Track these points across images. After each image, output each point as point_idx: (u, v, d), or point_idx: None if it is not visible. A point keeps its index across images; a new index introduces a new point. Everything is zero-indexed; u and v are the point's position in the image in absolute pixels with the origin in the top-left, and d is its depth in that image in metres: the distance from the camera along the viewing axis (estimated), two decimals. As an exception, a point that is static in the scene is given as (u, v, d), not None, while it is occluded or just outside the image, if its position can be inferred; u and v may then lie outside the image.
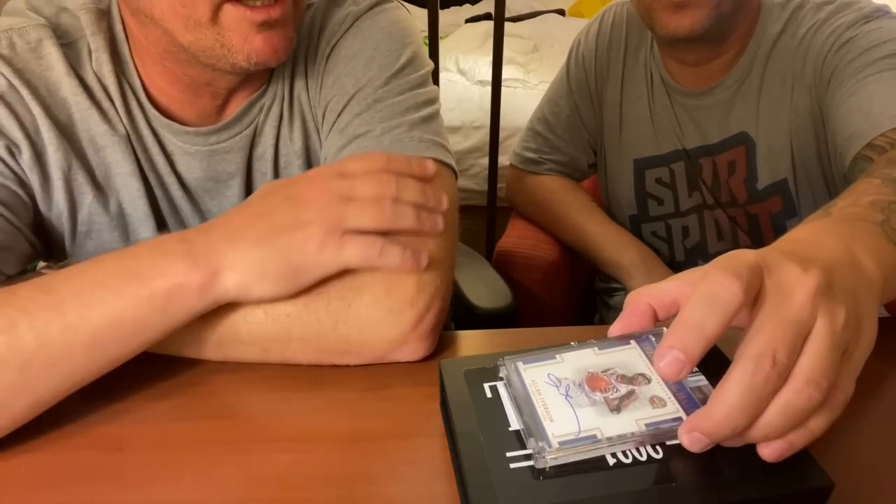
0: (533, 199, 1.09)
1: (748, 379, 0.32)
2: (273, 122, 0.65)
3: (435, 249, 0.52)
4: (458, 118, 2.16)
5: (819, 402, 0.33)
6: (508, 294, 0.95)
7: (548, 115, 1.07)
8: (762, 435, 0.33)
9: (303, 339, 0.50)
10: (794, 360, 0.33)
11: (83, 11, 0.58)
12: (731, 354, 0.33)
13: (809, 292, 0.34)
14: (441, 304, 0.53)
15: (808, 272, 0.34)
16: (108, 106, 0.59)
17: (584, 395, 0.38)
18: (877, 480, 0.41)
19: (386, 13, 0.64)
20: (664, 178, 0.96)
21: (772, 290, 0.34)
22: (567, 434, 0.36)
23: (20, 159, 0.57)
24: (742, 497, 0.34)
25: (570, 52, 1.05)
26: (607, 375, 0.39)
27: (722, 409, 0.32)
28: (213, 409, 0.48)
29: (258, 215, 0.48)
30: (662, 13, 0.77)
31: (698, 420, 0.33)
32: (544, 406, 0.37)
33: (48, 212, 0.60)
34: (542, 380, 0.39)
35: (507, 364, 0.41)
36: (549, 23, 2.82)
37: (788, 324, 0.33)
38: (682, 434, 0.34)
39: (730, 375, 0.33)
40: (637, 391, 0.38)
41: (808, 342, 0.33)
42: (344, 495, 0.40)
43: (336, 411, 0.47)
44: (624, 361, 0.40)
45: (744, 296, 0.32)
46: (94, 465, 0.43)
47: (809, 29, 0.80)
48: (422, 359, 0.53)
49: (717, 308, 0.32)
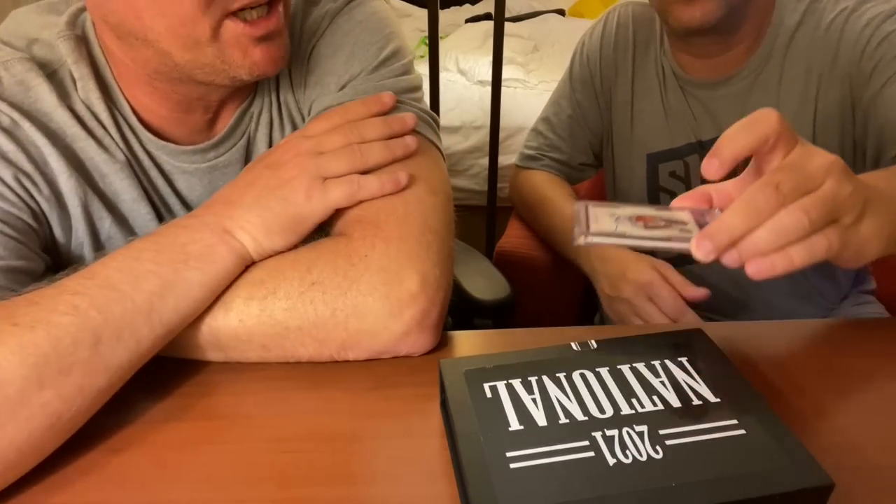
0: (521, 192, 1.09)
1: (751, 195, 0.40)
2: (264, 129, 0.65)
3: (432, 245, 0.53)
4: (458, 118, 2.16)
5: (805, 229, 0.40)
6: (506, 286, 0.95)
7: (550, 116, 1.08)
8: (751, 249, 0.40)
9: (300, 329, 0.50)
10: (795, 197, 0.40)
11: (60, 40, 0.56)
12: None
13: (828, 160, 0.42)
14: (444, 297, 0.53)
15: (833, 155, 0.42)
16: (103, 134, 0.58)
17: (630, 223, 0.44)
18: (877, 480, 0.41)
19: (362, 6, 0.64)
20: (678, 172, 0.96)
21: (798, 149, 0.42)
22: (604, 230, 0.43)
23: (36, 194, 0.55)
24: (742, 497, 0.34)
25: (574, 54, 1.06)
26: (654, 216, 0.46)
27: (726, 216, 0.40)
28: (213, 409, 0.48)
29: (247, 184, 0.54)
30: (675, 6, 0.79)
31: (707, 229, 0.40)
32: (595, 219, 0.45)
33: (67, 245, 0.58)
34: (603, 212, 0.45)
35: (579, 205, 0.46)
36: (549, 23, 2.82)
37: (800, 170, 0.41)
38: (694, 241, 0.41)
39: (741, 195, 0.41)
40: (672, 226, 0.44)
41: (811, 192, 0.40)
42: (344, 495, 0.40)
43: (336, 411, 0.47)
44: (673, 214, 0.46)
45: (779, 125, 0.41)
46: (94, 465, 0.43)
47: (836, 17, 0.80)
48: (425, 353, 0.53)
49: None
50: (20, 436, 0.40)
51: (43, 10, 0.60)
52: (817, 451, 0.36)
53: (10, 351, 0.41)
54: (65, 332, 0.43)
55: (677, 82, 0.92)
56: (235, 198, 0.53)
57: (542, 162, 1.07)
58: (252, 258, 0.52)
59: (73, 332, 0.43)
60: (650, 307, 0.79)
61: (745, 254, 0.40)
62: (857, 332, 0.57)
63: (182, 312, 0.48)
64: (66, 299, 0.44)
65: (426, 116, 0.63)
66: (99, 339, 0.44)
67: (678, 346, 0.45)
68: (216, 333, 0.50)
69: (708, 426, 0.39)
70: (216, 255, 0.50)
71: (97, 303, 0.44)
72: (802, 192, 0.40)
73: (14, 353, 0.41)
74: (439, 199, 0.57)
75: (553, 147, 1.07)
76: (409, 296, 0.50)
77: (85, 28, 0.59)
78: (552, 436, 0.38)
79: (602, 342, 0.46)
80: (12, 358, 0.41)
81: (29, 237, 0.54)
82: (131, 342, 0.45)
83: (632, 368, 0.43)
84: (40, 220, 0.56)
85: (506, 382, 0.43)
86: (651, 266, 0.81)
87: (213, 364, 0.52)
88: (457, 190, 2.30)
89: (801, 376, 0.49)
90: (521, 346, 0.46)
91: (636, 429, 0.39)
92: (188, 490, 0.41)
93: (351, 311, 0.50)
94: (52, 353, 0.42)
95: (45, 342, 0.42)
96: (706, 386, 0.42)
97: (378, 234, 0.52)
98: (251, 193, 0.53)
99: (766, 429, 0.38)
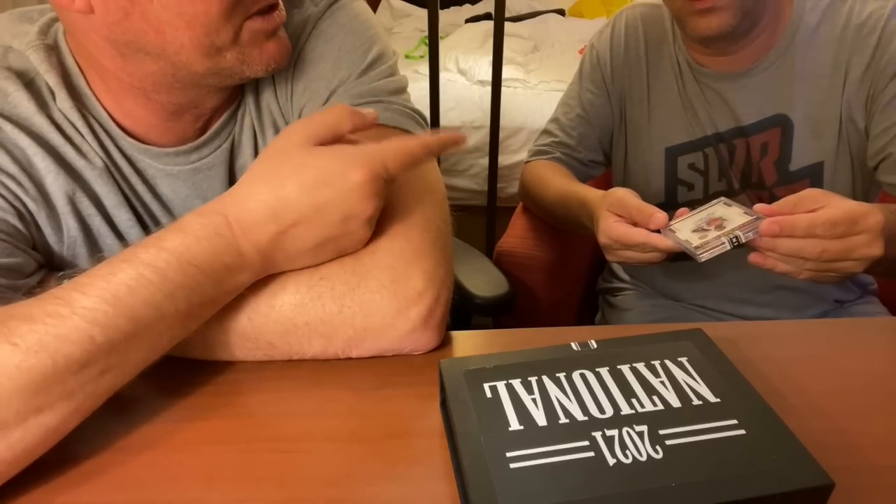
0: (526, 180, 1.10)
1: (802, 245, 0.64)
2: (249, 133, 0.64)
3: (436, 243, 0.53)
4: (458, 118, 2.16)
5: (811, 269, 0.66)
6: (505, 283, 0.96)
7: (559, 116, 1.09)
8: None
9: (307, 325, 0.50)
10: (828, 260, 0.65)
11: (31, 50, 0.56)
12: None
13: (872, 240, 0.64)
14: (447, 295, 0.53)
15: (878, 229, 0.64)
16: (81, 141, 0.57)
17: (712, 229, 0.69)
18: (877, 480, 0.41)
19: (343, 9, 0.64)
20: (697, 164, 0.96)
21: (851, 213, 0.64)
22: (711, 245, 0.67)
23: (22, 195, 0.54)
24: (742, 496, 0.34)
25: (584, 57, 1.07)
26: (719, 217, 0.71)
27: (782, 241, 0.65)
28: (214, 409, 0.48)
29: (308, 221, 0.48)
30: (691, 17, 0.82)
31: (765, 241, 0.65)
32: (687, 240, 0.70)
33: (59, 242, 0.58)
34: (685, 230, 0.72)
35: (668, 236, 0.73)
36: (549, 23, 2.82)
37: (847, 249, 0.64)
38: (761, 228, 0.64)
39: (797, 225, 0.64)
40: (725, 224, 0.69)
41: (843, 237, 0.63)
42: (344, 495, 0.40)
43: (336, 411, 0.47)
44: (713, 211, 0.73)
45: None
46: (94, 465, 0.43)
47: (871, 14, 0.83)
48: (427, 351, 0.53)
49: None
50: (11, 454, 0.39)
51: (16, 18, 0.59)
52: (817, 451, 0.36)
53: (6, 376, 0.39)
54: (75, 361, 0.40)
55: (694, 75, 0.93)
56: (294, 246, 0.48)
57: (552, 156, 1.08)
58: None
59: (84, 361, 0.41)
60: (627, 254, 0.78)
61: None
62: (857, 332, 0.57)
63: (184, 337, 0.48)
64: (83, 328, 0.41)
65: (416, 116, 0.64)
66: (109, 368, 0.42)
67: (678, 346, 0.45)
68: (225, 333, 0.50)
69: (708, 426, 0.39)
70: (243, 275, 0.48)
71: (117, 339, 0.42)
72: (833, 261, 0.64)
73: (11, 378, 0.39)
74: (438, 197, 0.58)
75: (562, 144, 1.07)
76: (415, 293, 0.51)
77: (57, 37, 0.58)
78: (552, 436, 0.38)
79: (602, 342, 0.46)
80: (8, 384, 0.39)
81: (15, 237, 0.54)
82: (136, 370, 0.45)
83: (632, 368, 0.43)
84: (26, 220, 0.55)
85: (506, 382, 0.43)
86: (604, 228, 0.78)
87: (214, 365, 0.52)
88: (457, 190, 2.31)
89: (801, 376, 0.49)
90: (521, 346, 0.46)
91: (636, 429, 0.39)
92: (188, 490, 0.41)
93: (358, 307, 0.50)
94: (54, 382, 0.40)
95: (50, 370, 0.39)
96: (706, 386, 0.42)
97: (384, 231, 0.52)
98: (311, 241, 0.49)
99: (766, 429, 0.38)
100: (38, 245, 0.57)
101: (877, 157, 0.83)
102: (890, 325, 0.60)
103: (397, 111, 0.61)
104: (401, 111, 0.62)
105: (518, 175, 1.26)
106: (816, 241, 0.63)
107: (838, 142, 0.86)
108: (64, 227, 0.57)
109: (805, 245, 0.64)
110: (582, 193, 0.90)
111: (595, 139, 1.06)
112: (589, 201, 0.86)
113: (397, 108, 0.61)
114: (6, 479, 0.40)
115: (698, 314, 1.03)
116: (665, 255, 0.74)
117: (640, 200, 0.77)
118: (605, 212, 0.79)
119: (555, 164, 1.06)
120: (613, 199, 0.79)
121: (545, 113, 1.21)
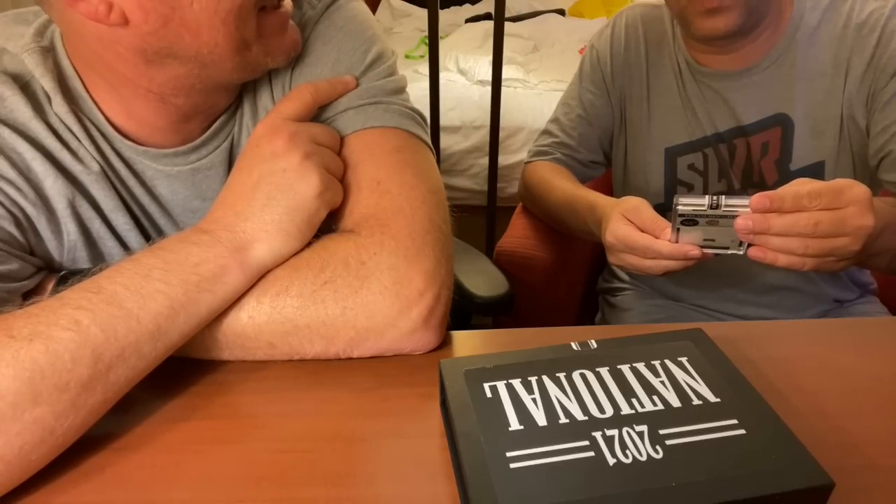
0: (527, 181, 1.09)
1: (795, 220, 0.62)
2: (247, 133, 0.64)
3: (436, 243, 0.53)
4: (458, 118, 2.16)
5: (803, 253, 0.63)
6: (505, 283, 0.95)
7: (559, 117, 1.08)
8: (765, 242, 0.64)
9: (309, 327, 0.50)
10: (822, 236, 0.62)
11: (26, 53, 0.55)
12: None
13: (864, 223, 0.62)
14: (448, 294, 0.54)
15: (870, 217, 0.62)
16: (77, 145, 0.57)
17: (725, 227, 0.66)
18: (877, 480, 0.41)
19: (341, 11, 0.64)
20: (697, 164, 0.96)
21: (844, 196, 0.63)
22: None
23: (20, 200, 0.54)
24: (742, 496, 0.34)
25: (584, 58, 1.07)
26: (723, 214, 0.66)
27: (774, 218, 0.62)
28: (213, 409, 0.48)
29: (252, 187, 0.52)
30: (697, 17, 0.82)
31: (755, 217, 0.63)
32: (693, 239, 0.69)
33: (59, 247, 0.57)
34: (696, 232, 0.69)
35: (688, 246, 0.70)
36: (549, 23, 2.82)
37: (840, 221, 0.62)
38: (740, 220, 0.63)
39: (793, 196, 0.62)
40: None
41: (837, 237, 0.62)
42: (344, 495, 0.40)
43: (336, 411, 0.48)
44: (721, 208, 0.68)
45: None
46: (94, 466, 0.43)
47: (872, 14, 0.83)
48: (428, 351, 0.53)
49: None
50: (9, 451, 0.40)
51: (10, 20, 0.59)
52: (817, 451, 0.36)
53: (4, 364, 0.40)
54: (64, 347, 0.41)
55: (693, 75, 0.93)
56: (243, 205, 0.52)
57: (553, 156, 1.08)
58: (269, 268, 0.51)
59: (73, 349, 0.42)
60: (629, 257, 0.77)
61: (758, 240, 0.63)
62: (857, 332, 0.57)
63: (187, 333, 0.48)
64: (69, 313, 0.43)
65: (416, 116, 0.64)
66: (99, 357, 0.43)
67: (678, 346, 0.45)
68: (224, 332, 0.50)
69: (708, 426, 0.39)
70: (229, 276, 0.49)
71: (100, 320, 0.43)
72: (829, 235, 0.62)
73: (9, 366, 0.40)
74: (438, 197, 0.58)
75: (562, 144, 1.07)
76: (417, 293, 0.51)
77: (53, 39, 0.57)
78: (552, 436, 0.38)
79: (602, 342, 0.46)
80: (7, 371, 0.40)
81: (9, 243, 0.53)
82: (132, 361, 0.45)
83: (632, 368, 0.43)
84: (23, 226, 0.55)
85: (506, 382, 0.43)
86: (613, 227, 0.78)
87: (214, 364, 0.52)
88: (457, 190, 2.31)
89: (801, 376, 0.49)
90: (521, 345, 0.46)
91: (636, 429, 0.39)
92: (188, 490, 0.41)
93: (360, 309, 0.50)
94: (48, 369, 0.41)
95: (42, 357, 0.41)
96: (706, 386, 0.42)
97: (386, 233, 0.52)
98: (259, 197, 0.52)
99: (766, 429, 0.38)
100: (35, 250, 0.57)
101: (877, 156, 0.83)
102: (890, 325, 0.60)
103: (397, 111, 0.61)
104: (400, 111, 0.62)
105: (518, 175, 1.26)
106: (808, 214, 0.61)
107: (839, 141, 0.86)
108: (64, 232, 0.57)
109: (797, 219, 0.62)
110: (590, 197, 0.90)
111: (595, 139, 1.06)
112: (598, 206, 0.85)
113: (397, 109, 0.61)
114: (9, 484, 0.41)
115: (698, 314, 1.03)
116: (662, 270, 0.74)
117: (655, 213, 0.76)
118: (618, 215, 0.79)
119: (556, 165, 1.06)
120: (629, 206, 0.78)
121: (545, 113, 1.20)
